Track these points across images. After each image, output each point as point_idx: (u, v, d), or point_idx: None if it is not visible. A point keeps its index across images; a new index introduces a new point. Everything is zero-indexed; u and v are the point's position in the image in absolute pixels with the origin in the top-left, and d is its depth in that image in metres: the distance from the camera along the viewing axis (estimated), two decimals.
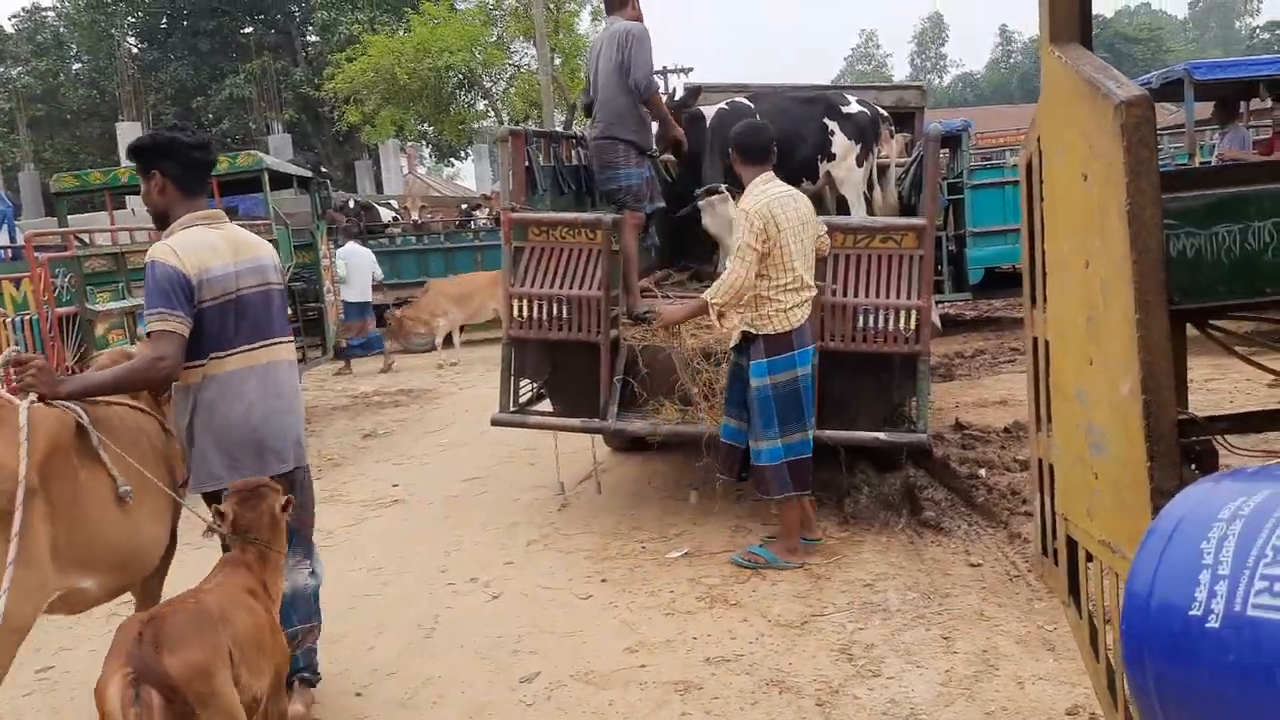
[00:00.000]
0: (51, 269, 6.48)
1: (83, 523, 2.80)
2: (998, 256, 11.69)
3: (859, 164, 7.04)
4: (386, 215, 18.80)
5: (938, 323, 6.08)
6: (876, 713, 3.47)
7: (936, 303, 6.64)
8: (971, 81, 73.73)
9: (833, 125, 7.00)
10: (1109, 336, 1.63)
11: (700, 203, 6.47)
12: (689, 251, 7.53)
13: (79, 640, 4.68)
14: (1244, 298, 2.05)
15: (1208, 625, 1.14)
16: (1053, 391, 2.01)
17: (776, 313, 4.76)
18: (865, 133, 7.04)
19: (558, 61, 24.14)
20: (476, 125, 29.47)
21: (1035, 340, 2.21)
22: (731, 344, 5.00)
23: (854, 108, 7.08)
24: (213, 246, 3.27)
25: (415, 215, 17.87)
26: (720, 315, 4.89)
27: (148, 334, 3.16)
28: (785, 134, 6.56)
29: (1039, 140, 2.02)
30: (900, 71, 78.88)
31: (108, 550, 2.95)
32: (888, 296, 5.19)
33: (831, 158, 7.02)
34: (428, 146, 36.99)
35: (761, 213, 4.68)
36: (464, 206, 20.65)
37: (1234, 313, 2.34)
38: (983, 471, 6.09)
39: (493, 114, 27.79)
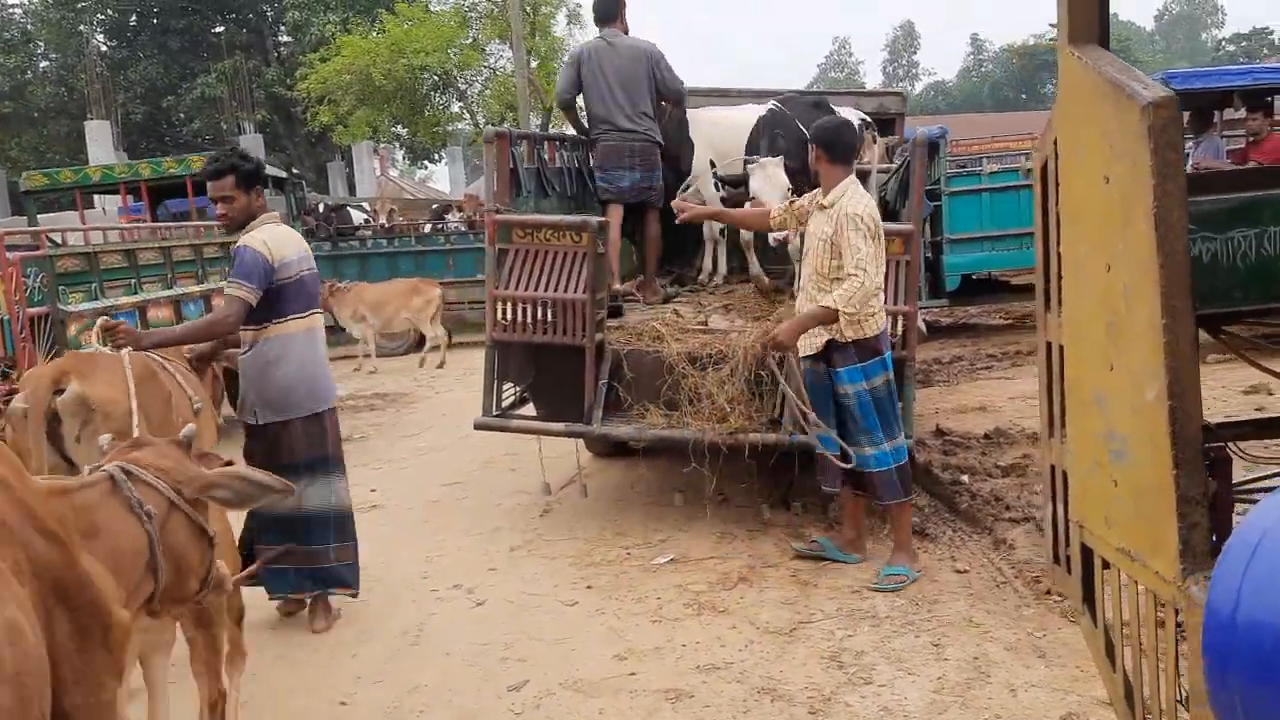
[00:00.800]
0: (23, 268, 6.35)
1: (171, 428, 3.39)
2: (975, 264, 11.75)
3: None
4: (358, 217, 18.60)
5: (923, 329, 6.07)
6: None
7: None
8: (943, 90, 74.31)
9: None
10: (1132, 341, 1.61)
11: (751, 165, 6.41)
12: (671, 255, 7.50)
13: None
14: (1259, 303, 2.04)
15: None
16: (1068, 396, 1.99)
17: (868, 317, 4.65)
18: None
19: (534, 64, 24.07)
20: (451, 128, 29.36)
21: (1049, 345, 2.19)
22: (807, 353, 4.82)
23: (852, 115, 7.07)
24: (286, 240, 4.40)
25: (383, 219, 17.66)
26: (850, 323, 4.66)
27: (226, 295, 4.30)
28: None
29: (1055, 142, 2.00)
30: (873, 78, 79.41)
31: None
32: None
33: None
34: (401, 149, 36.81)
35: (874, 215, 4.62)
36: (435, 208, 20.20)
37: (1245, 318, 2.33)
38: (965, 478, 6.10)
39: (468, 116, 27.69)
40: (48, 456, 3.93)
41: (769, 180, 6.19)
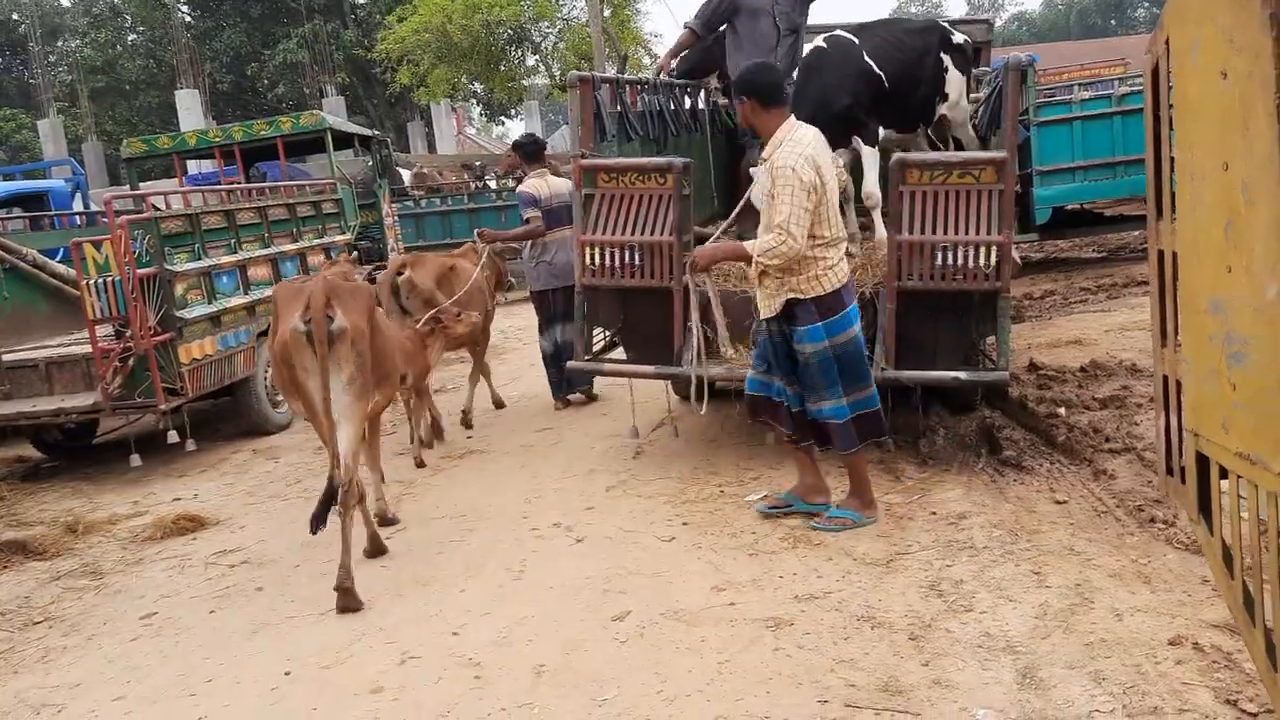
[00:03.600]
0: (130, 231, 6.60)
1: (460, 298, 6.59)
2: (1066, 195, 11.39)
3: (966, 101, 6.83)
4: (406, 177, 18.67)
5: (1017, 260, 5.95)
6: (971, 645, 3.46)
7: None
8: (1026, 20, 71.65)
9: (946, 60, 6.62)
10: (1252, 240, 1.58)
11: (753, 170, 6.23)
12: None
13: (179, 588, 4.83)
14: None
15: None
16: (1182, 304, 1.95)
17: (825, 271, 4.45)
18: (970, 66, 6.86)
19: (607, 13, 23.89)
20: (526, 82, 29.38)
21: (1160, 253, 2.15)
22: (767, 314, 4.62)
23: (959, 37, 6.83)
24: (541, 185, 7.27)
25: (410, 178, 17.63)
26: (762, 274, 4.51)
27: (526, 220, 7.28)
28: (902, 73, 6.27)
29: (1167, 42, 1.95)
30: (955, 8, 76.96)
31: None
32: (967, 233, 5.08)
33: (945, 97, 6.68)
34: (478, 105, 36.99)
35: (807, 164, 4.30)
36: (477, 165, 19.49)
37: None
38: (1061, 410, 5.99)
39: (543, 69, 27.67)
40: (392, 307, 6.68)
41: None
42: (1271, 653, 1.80)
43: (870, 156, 6.16)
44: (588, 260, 5.61)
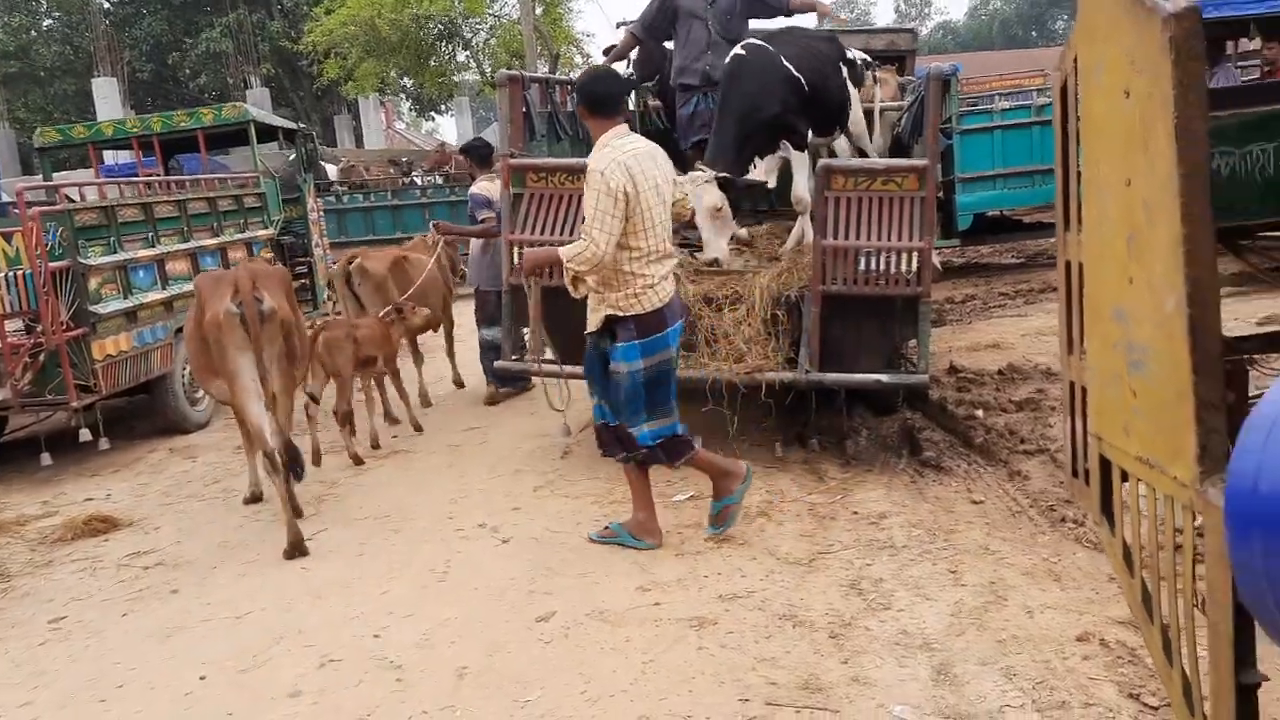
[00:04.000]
0: (43, 223, 6.39)
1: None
2: (987, 202, 11.68)
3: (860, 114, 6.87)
4: (332, 172, 18.36)
5: (938, 265, 6.08)
6: (889, 643, 3.54)
7: None
8: (951, 29, 73.17)
9: (844, 72, 6.66)
10: (1152, 254, 1.65)
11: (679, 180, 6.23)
12: None
13: (90, 591, 4.70)
14: (1276, 215, 2.07)
15: None
16: (1088, 313, 2.02)
17: (645, 289, 4.26)
18: (860, 82, 6.87)
19: (539, 11, 23.79)
20: (457, 78, 29.10)
21: (1069, 263, 2.22)
22: (591, 329, 4.51)
23: (851, 53, 6.90)
24: (493, 188, 7.08)
25: (336, 173, 17.35)
26: (575, 280, 4.37)
27: (480, 220, 7.24)
28: (819, 79, 6.20)
29: (1075, 60, 2.02)
30: (883, 16, 78.26)
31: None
32: (889, 239, 5.19)
33: (849, 106, 6.73)
34: (408, 101, 36.52)
35: (619, 169, 4.11)
36: (405, 161, 18.69)
37: (1261, 232, 2.36)
38: (979, 413, 6.15)
39: (474, 65, 27.43)
40: (346, 294, 7.31)
41: (692, 195, 5.36)
42: (1168, 648, 1.88)
43: (800, 160, 6.18)
44: (515, 260, 5.59)
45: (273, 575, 4.65)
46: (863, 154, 6.88)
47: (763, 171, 5.98)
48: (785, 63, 5.97)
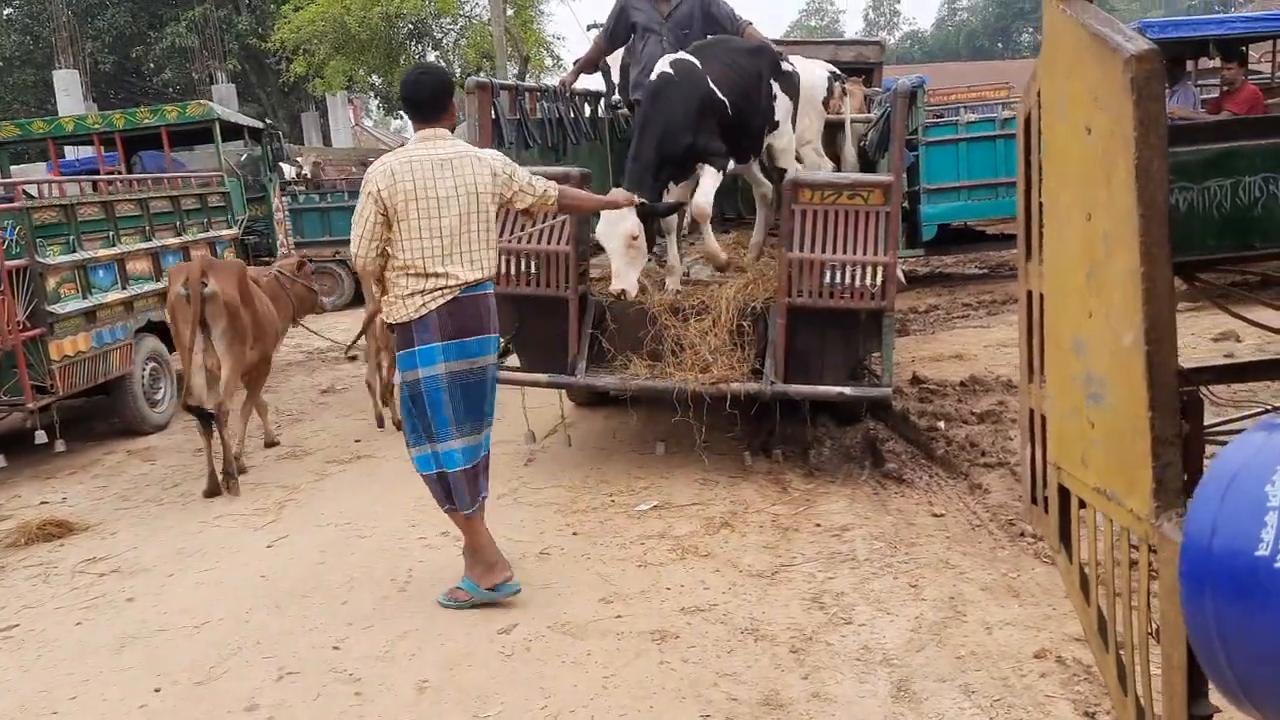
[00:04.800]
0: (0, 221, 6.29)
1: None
2: (951, 213, 11.80)
3: (792, 129, 6.48)
4: (289, 171, 18.12)
5: (902, 278, 6.12)
6: (850, 658, 3.56)
7: None
8: (919, 38, 73.91)
9: (775, 86, 6.17)
10: (1111, 288, 1.67)
11: None
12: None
13: (43, 598, 4.62)
14: (1234, 251, 2.11)
15: (1276, 565, 1.23)
16: (1048, 343, 2.05)
17: (396, 299, 3.99)
18: (796, 93, 6.50)
19: (510, 12, 23.73)
20: None
21: (1029, 293, 2.25)
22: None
23: (788, 64, 6.43)
24: None
25: (306, 170, 17.13)
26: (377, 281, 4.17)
27: None
28: (743, 101, 5.78)
29: (1039, 94, 2.05)
30: (852, 26, 78.83)
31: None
32: (854, 253, 5.22)
33: (775, 125, 6.23)
34: (376, 99, 36.27)
35: (383, 173, 3.90)
36: (369, 163, 18.75)
37: (1220, 266, 2.41)
38: (941, 424, 6.21)
39: (443, 65, 27.31)
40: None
41: (607, 220, 5.21)
42: (1123, 676, 1.90)
43: (711, 175, 5.67)
44: None
45: (231, 584, 4.59)
46: (784, 175, 6.14)
47: (677, 195, 5.74)
48: (711, 84, 5.58)
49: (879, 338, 5.38)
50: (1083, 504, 1.94)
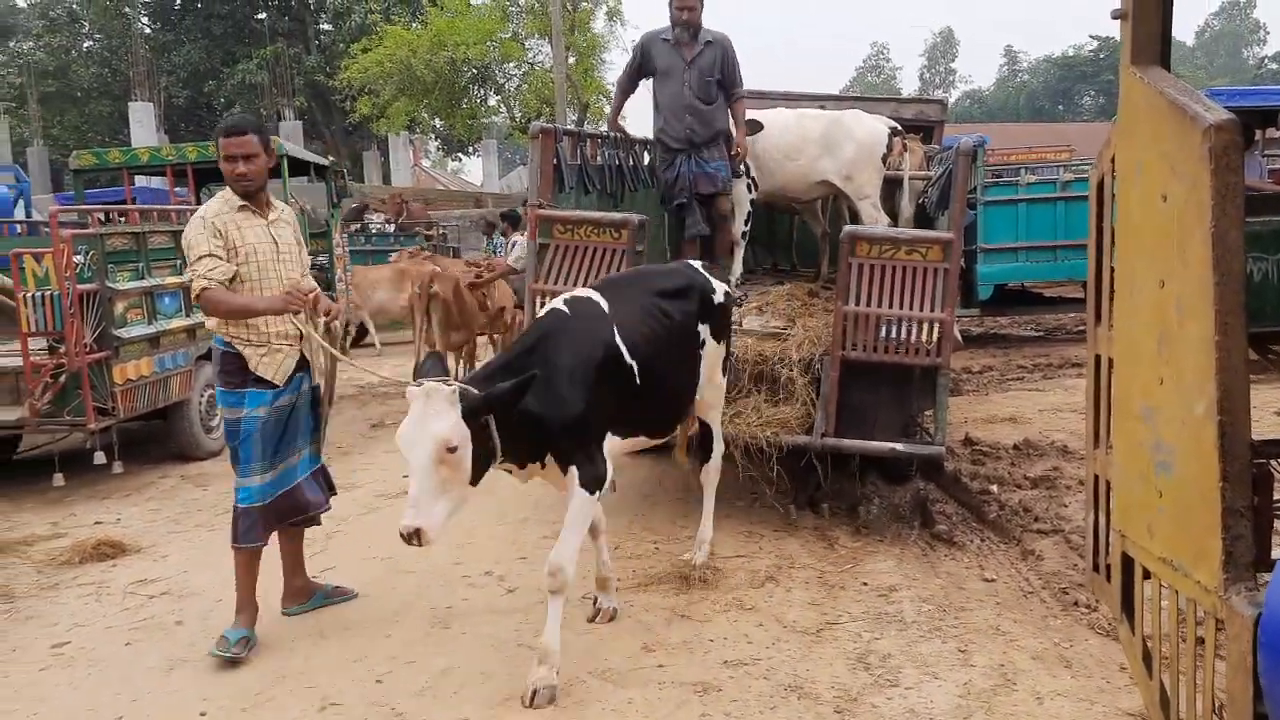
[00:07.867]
0: (74, 246, 6.48)
1: None
2: (1008, 274, 11.74)
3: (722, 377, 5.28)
4: (377, 220, 18.46)
5: (958, 337, 6.08)
6: None
7: None
8: (979, 98, 73.87)
9: (704, 332, 4.64)
10: (1184, 356, 1.65)
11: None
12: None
13: (94, 617, 4.69)
14: None
15: None
16: (1115, 409, 2.03)
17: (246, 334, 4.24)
18: (728, 331, 4.98)
19: (572, 60, 24.17)
20: (486, 121, 29.53)
21: (1098, 357, 2.23)
22: None
23: (720, 295, 4.80)
24: None
25: (388, 218, 17.46)
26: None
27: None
28: (661, 368, 4.23)
29: (1113, 160, 2.04)
30: (909, 85, 79.07)
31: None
32: (911, 308, 5.21)
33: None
34: (436, 140, 37.01)
35: (201, 226, 4.09)
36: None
37: None
38: (994, 488, 6.12)
39: (504, 110, 27.83)
40: None
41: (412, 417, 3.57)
42: None
43: (581, 499, 4.17)
44: (538, 309, 5.62)
45: (277, 611, 4.63)
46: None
47: None
48: (615, 335, 4.01)
49: (933, 395, 5.34)
50: (1147, 574, 1.91)
